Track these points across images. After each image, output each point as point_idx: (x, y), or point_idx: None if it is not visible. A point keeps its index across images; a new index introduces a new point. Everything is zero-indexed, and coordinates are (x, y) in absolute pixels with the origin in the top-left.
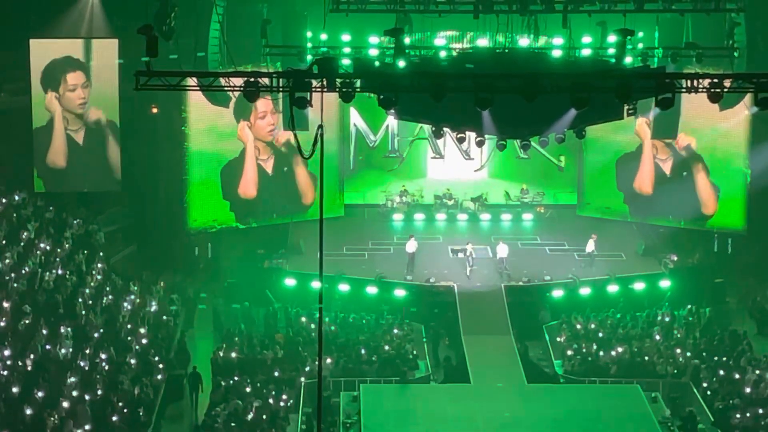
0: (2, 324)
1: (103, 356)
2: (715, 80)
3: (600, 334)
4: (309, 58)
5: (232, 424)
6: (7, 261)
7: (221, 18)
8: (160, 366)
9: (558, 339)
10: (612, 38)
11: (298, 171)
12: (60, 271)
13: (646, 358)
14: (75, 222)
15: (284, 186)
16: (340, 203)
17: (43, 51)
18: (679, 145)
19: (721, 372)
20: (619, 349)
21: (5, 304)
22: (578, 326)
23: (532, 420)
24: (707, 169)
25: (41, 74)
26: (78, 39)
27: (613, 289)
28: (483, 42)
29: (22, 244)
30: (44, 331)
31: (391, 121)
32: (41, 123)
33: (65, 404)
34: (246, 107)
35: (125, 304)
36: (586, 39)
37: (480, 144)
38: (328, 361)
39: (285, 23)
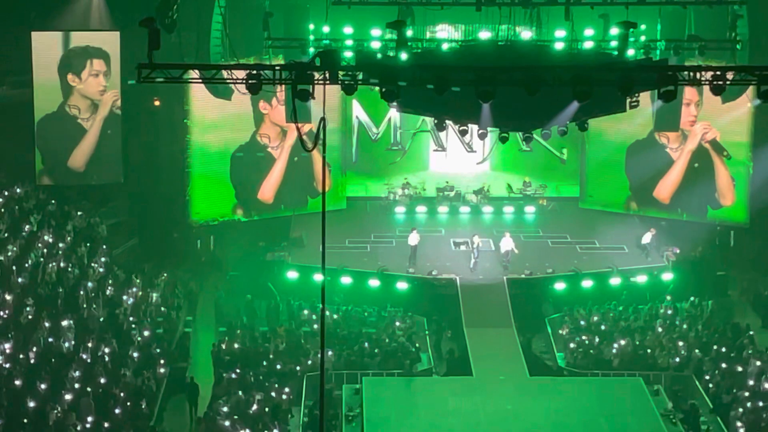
0: (5, 317)
1: (106, 349)
2: (718, 73)
3: (602, 327)
4: (311, 50)
5: (235, 417)
6: (10, 254)
7: (223, 10)
8: (162, 359)
9: (560, 332)
10: (614, 31)
11: (316, 159)
12: (62, 264)
13: (649, 350)
14: (77, 215)
15: (299, 174)
16: (343, 196)
17: (60, 41)
18: (705, 137)
19: (724, 365)
20: (622, 342)
21: (7, 297)
22: (581, 319)
23: (534, 412)
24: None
25: (60, 60)
26: (101, 32)
27: (615, 281)
28: (485, 34)
29: (24, 236)
30: (46, 324)
31: (394, 114)
32: (50, 110)
33: (68, 397)
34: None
35: (127, 297)
36: (589, 31)
37: (482, 136)
38: (330, 354)
39: (287, 16)
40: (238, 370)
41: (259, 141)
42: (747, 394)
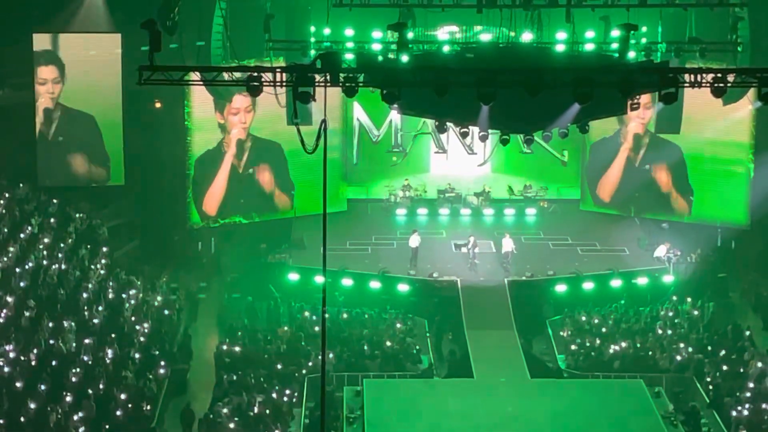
0: (6, 318)
1: (107, 351)
2: (719, 75)
3: (603, 329)
4: (312, 52)
5: (236, 419)
6: (11, 255)
7: (224, 12)
8: (163, 360)
9: (561, 333)
10: (615, 33)
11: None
12: (63, 266)
13: (650, 352)
14: (78, 216)
15: (250, 189)
16: (343, 198)
17: (61, 42)
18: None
19: (725, 367)
20: (623, 344)
21: (9, 299)
22: (582, 321)
23: (534, 415)
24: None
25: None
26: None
27: (616, 283)
28: (486, 37)
29: (25, 238)
30: (48, 325)
31: (395, 116)
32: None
33: (68, 398)
34: (221, 100)
35: (129, 299)
36: (590, 34)
37: (483, 139)
38: (331, 355)
39: (288, 18)
40: (239, 372)
41: (221, 148)
42: (748, 395)
